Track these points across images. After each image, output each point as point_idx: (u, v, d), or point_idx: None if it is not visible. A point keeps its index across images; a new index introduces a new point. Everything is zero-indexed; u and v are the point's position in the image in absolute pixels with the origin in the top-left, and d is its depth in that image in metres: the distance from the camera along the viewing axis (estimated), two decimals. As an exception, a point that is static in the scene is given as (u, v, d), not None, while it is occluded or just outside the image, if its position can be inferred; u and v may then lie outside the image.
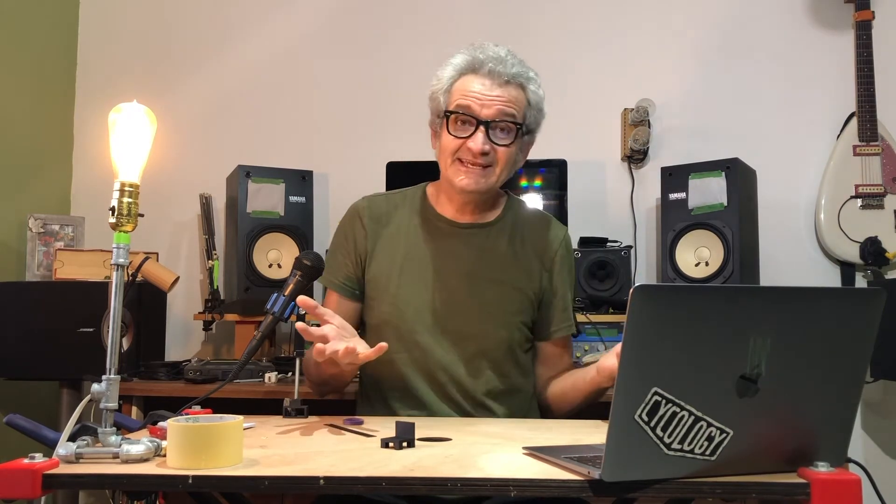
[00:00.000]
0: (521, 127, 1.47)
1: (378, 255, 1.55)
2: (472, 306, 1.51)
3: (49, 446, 1.07)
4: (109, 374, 1.07)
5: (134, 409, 2.01)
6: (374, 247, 1.56)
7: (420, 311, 1.50)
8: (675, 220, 2.37)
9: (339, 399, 1.58)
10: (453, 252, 1.54)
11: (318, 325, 1.29)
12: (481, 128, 1.44)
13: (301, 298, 1.31)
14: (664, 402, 0.89)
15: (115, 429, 1.05)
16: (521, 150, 1.53)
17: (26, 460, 0.95)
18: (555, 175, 2.46)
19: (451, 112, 1.46)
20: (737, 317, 0.90)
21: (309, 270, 1.49)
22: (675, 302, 0.89)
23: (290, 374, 2.09)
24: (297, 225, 2.47)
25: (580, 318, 2.12)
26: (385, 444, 1.12)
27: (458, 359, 1.49)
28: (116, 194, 1.09)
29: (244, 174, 2.43)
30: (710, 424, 0.91)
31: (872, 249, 2.41)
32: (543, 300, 1.58)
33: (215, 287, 2.49)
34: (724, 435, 0.92)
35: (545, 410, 1.61)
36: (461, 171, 1.47)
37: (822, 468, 0.91)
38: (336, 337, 1.27)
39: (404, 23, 2.77)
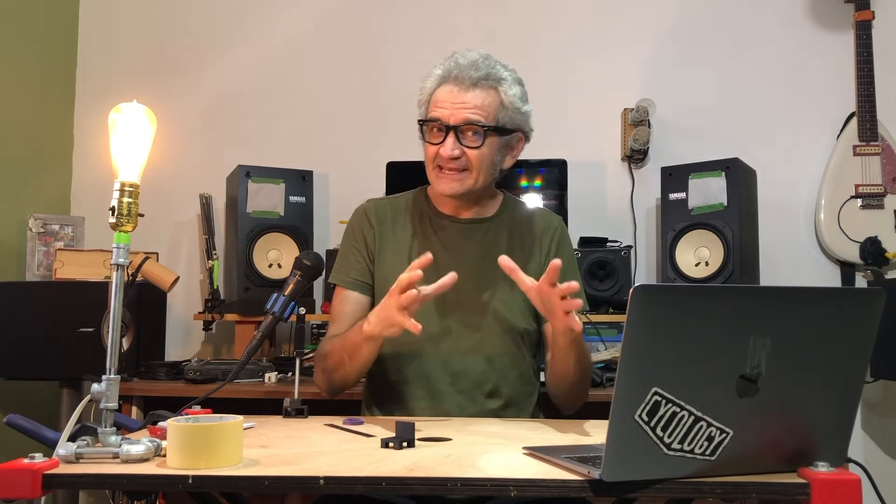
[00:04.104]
0: (492, 129, 1.49)
1: (386, 254, 1.59)
2: (479, 298, 1.54)
3: (49, 446, 1.07)
4: (109, 374, 1.07)
5: (134, 409, 2.00)
6: (382, 246, 1.59)
7: (429, 305, 1.51)
8: (675, 220, 2.37)
9: (342, 399, 1.58)
10: (458, 247, 1.58)
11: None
12: (451, 133, 1.48)
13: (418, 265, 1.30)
14: (664, 402, 0.89)
15: (115, 429, 1.05)
16: (501, 151, 1.54)
17: (26, 460, 0.95)
18: (555, 175, 2.46)
19: (425, 121, 1.52)
20: (737, 317, 0.90)
21: (309, 270, 1.49)
22: (675, 302, 0.89)
23: (290, 374, 2.09)
24: (297, 225, 2.48)
25: (580, 318, 2.08)
26: (385, 444, 1.12)
27: (467, 350, 1.52)
28: (116, 194, 1.10)
29: (244, 174, 2.44)
30: (710, 424, 0.91)
31: (872, 249, 2.41)
32: None
33: (215, 287, 2.49)
34: (724, 435, 0.92)
35: (554, 401, 1.56)
36: (440, 177, 1.52)
37: (822, 468, 0.91)
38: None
39: (404, 23, 2.77)
